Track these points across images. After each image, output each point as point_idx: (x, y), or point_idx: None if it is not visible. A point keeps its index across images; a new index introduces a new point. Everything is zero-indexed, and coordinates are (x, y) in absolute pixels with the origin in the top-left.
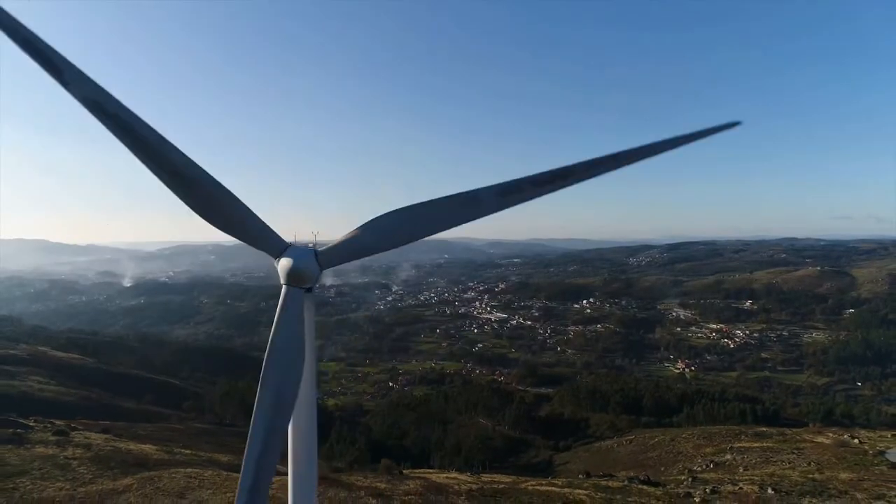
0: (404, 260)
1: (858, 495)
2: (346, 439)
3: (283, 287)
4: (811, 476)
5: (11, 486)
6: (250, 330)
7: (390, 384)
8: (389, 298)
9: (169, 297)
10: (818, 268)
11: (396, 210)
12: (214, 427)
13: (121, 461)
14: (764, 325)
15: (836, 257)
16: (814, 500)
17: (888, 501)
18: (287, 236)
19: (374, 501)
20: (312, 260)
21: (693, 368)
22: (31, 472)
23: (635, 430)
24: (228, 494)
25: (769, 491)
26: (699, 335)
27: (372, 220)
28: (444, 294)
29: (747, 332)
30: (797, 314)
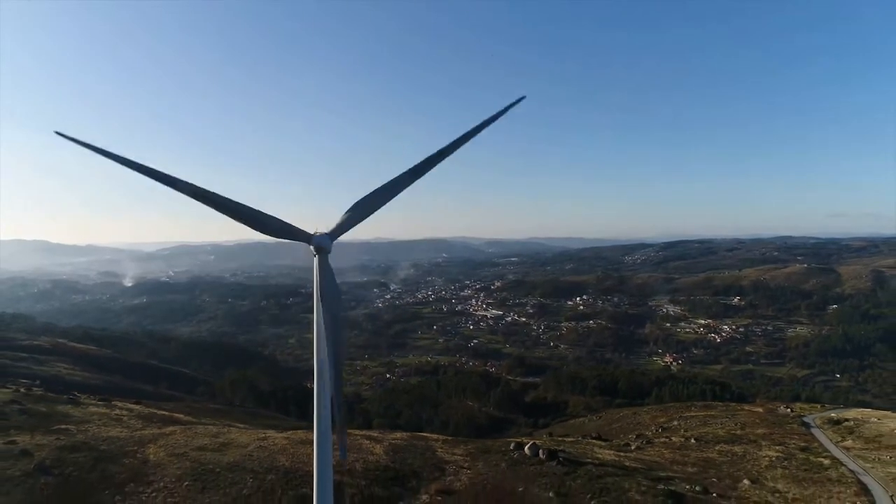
0: (403, 259)
1: (763, 442)
2: (344, 419)
3: (315, 257)
4: (733, 432)
5: (83, 429)
6: (252, 327)
7: (387, 376)
8: (388, 296)
9: (171, 296)
10: (805, 265)
11: (366, 195)
12: (226, 408)
13: (160, 419)
14: (750, 321)
15: (826, 255)
16: (725, 446)
17: (785, 446)
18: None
19: (367, 442)
20: (327, 238)
21: (680, 362)
22: (93, 422)
23: (608, 409)
24: (253, 435)
25: (692, 441)
26: (687, 330)
27: (354, 204)
28: (441, 292)
29: (734, 326)
30: (783, 310)
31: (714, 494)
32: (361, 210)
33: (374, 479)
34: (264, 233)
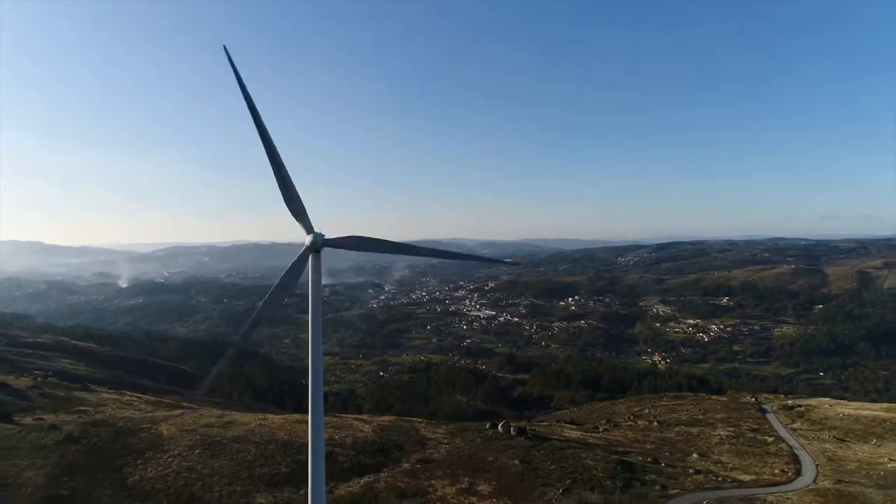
0: (398, 260)
1: (719, 425)
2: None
3: (310, 255)
4: (695, 417)
5: (100, 410)
6: None
7: (381, 374)
8: (382, 297)
9: (166, 296)
10: (793, 266)
11: (375, 239)
12: (225, 401)
13: (167, 405)
14: (737, 320)
15: (816, 256)
16: (684, 428)
17: (738, 427)
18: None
19: (357, 423)
20: (321, 238)
21: (668, 361)
22: (108, 405)
23: (590, 402)
24: (254, 417)
25: (655, 424)
26: (676, 330)
27: (360, 237)
28: (435, 293)
29: (721, 326)
30: (770, 310)
31: (663, 464)
32: (358, 243)
33: (362, 450)
34: (288, 202)
